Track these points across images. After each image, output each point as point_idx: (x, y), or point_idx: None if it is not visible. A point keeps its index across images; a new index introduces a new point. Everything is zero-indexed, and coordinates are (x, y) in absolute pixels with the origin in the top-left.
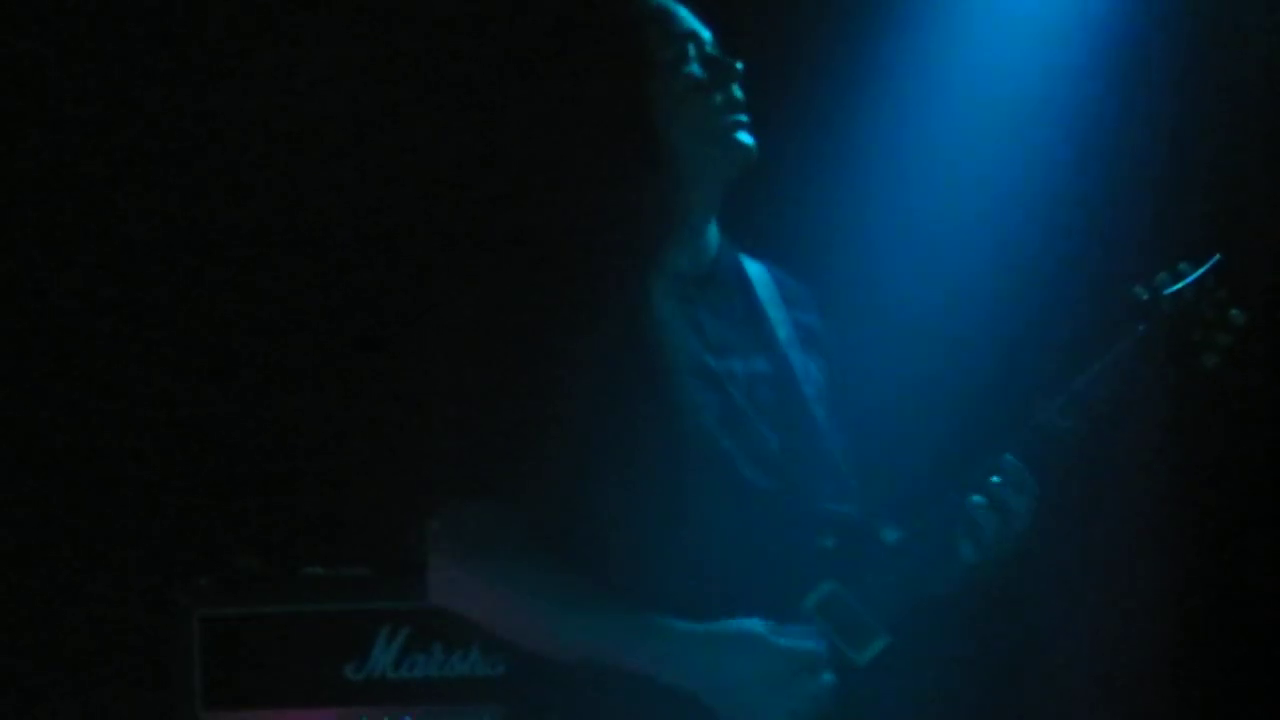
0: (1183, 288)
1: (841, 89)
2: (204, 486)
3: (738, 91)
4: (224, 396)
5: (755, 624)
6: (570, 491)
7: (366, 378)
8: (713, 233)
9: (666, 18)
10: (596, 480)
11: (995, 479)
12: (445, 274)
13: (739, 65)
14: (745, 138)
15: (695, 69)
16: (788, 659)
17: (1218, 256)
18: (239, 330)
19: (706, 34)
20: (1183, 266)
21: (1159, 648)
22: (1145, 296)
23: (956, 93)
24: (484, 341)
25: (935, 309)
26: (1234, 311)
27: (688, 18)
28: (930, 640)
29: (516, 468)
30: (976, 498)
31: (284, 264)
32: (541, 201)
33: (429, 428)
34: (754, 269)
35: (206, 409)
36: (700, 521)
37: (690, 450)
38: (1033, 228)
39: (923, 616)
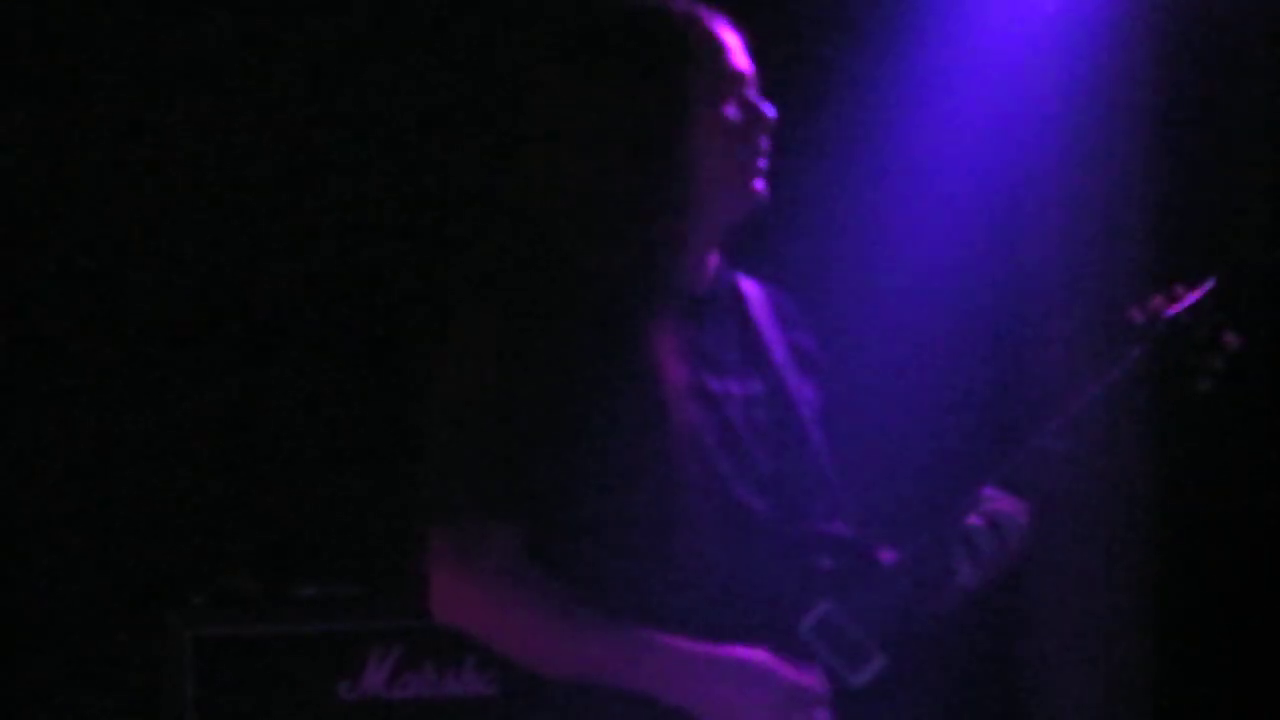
0: (1178, 311)
1: (835, 106)
2: (196, 505)
3: (764, 140)
4: (217, 414)
5: (761, 653)
6: (568, 510)
7: (361, 394)
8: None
9: (717, 53)
10: (594, 499)
11: (995, 505)
12: (448, 290)
13: (772, 114)
14: (759, 186)
15: (731, 111)
16: (790, 692)
17: (1213, 280)
18: (235, 346)
19: (750, 74)
20: (1178, 290)
21: (1153, 665)
22: (1140, 320)
23: (953, 110)
24: (483, 359)
25: (931, 331)
26: (1228, 335)
27: (738, 54)
28: (927, 661)
29: (514, 486)
30: (974, 519)
31: (283, 279)
32: (554, 220)
33: (425, 446)
34: (750, 289)
35: (199, 426)
36: (696, 543)
37: (688, 471)
38: (1028, 251)
39: (920, 637)
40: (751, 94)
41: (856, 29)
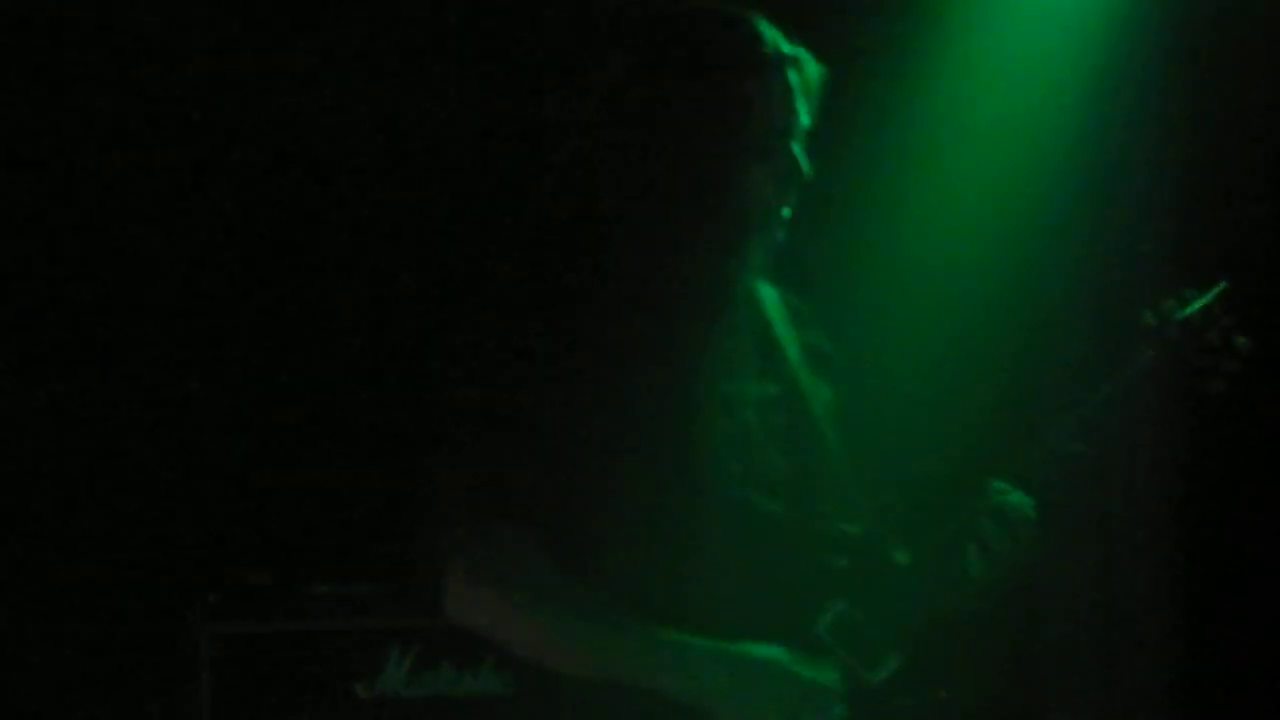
0: (1190, 314)
1: (849, 106)
2: (214, 502)
3: (792, 195)
4: (236, 412)
5: (778, 651)
6: (584, 513)
7: (380, 394)
8: None
9: (782, 107)
10: (610, 502)
11: (1005, 499)
12: (474, 289)
13: (808, 172)
14: (780, 235)
15: (774, 161)
16: (806, 689)
17: (1224, 283)
18: (254, 345)
19: (806, 127)
20: (1189, 293)
21: (1165, 661)
22: (1153, 322)
23: (967, 112)
24: (508, 361)
25: (944, 331)
26: (1239, 338)
27: (801, 107)
28: (941, 659)
29: (525, 488)
30: (986, 517)
31: (302, 278)
32: (612, 232)
33: (443, 446)
34: (763, 291)
35: (218, 424)
36: (712, 546)
37: (703, 475)
38: (1042, 253)
39: (934, 636)
40: (797, 147)
41: (875, 27)
